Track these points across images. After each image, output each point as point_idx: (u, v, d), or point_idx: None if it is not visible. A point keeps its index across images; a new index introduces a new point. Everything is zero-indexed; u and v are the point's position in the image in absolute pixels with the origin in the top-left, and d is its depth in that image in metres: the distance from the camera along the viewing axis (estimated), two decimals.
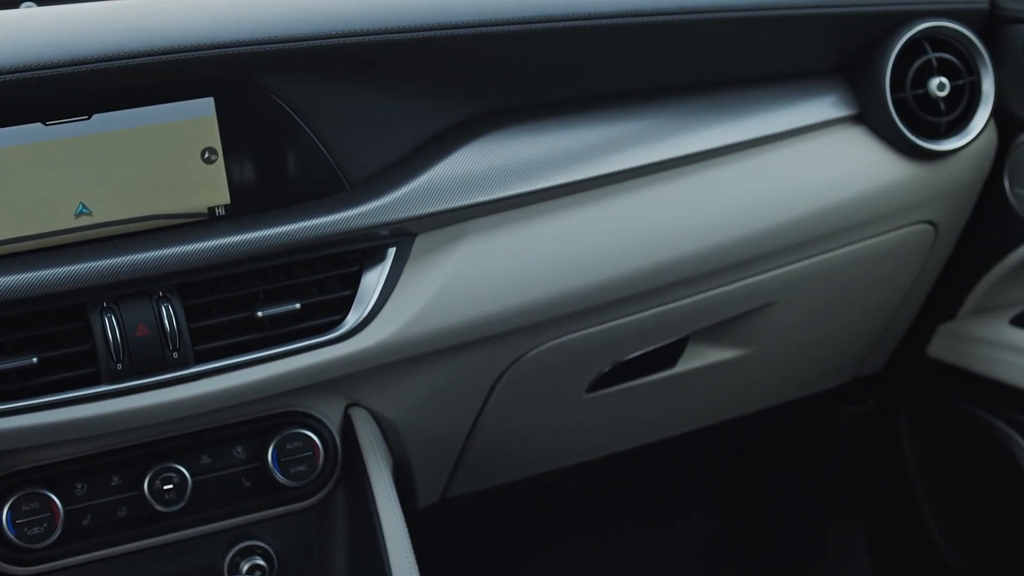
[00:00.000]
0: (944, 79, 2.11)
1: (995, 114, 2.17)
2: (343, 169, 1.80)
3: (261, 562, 1.90)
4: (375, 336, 1.80)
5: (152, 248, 1.68)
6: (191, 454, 1.83)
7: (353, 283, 1.81)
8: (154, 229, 1.72)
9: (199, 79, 1.71)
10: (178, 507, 1.80)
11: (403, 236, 1.82)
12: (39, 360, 1.65)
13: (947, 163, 2.18)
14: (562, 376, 2.11)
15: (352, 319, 1.79)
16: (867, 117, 2.14)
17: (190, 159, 1.72)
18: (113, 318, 1.67)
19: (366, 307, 1.79)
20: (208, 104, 1.72)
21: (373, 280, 1.80)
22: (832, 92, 2.14)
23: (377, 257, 1.81)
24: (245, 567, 1.88)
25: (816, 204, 2.10)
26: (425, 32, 1.80)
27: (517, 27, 1.84)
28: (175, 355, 1.70)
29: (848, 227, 2.15)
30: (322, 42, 1.73)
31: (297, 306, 1.76)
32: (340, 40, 1.75)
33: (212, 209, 1.74)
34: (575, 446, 2.34)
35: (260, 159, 1.76)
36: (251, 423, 1.85)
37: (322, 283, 1.80)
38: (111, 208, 1.69)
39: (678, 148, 1.99)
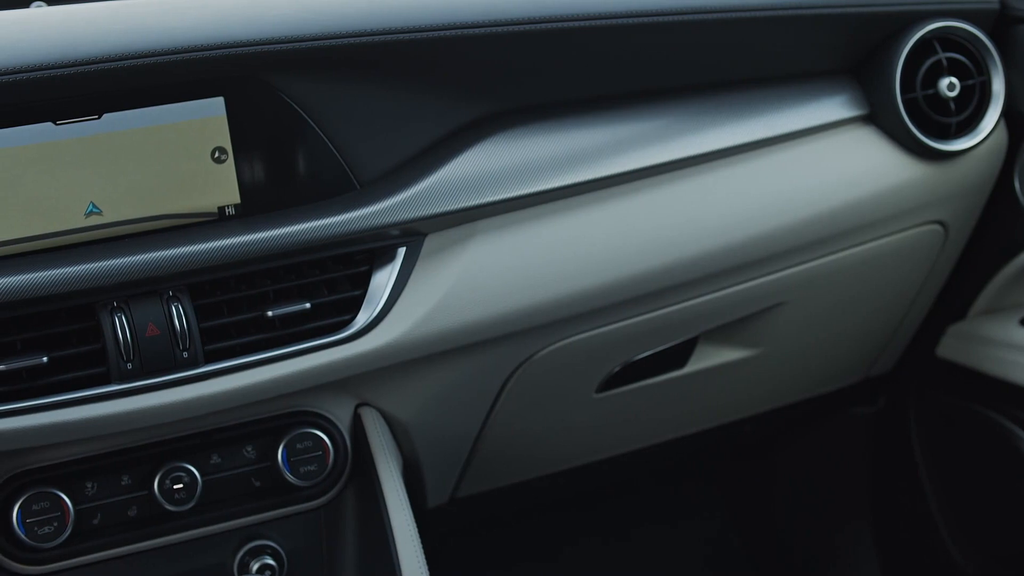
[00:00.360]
0: (954, 79, 2.11)
1: (1005, 114, 2.17)
2: (353, 169, 1.80)
3: (271, 561, 1.90)
4: (385, 336, 1.80)
5: (162, 248, 1.68)
6: (201, 454, 1.83)
7: (363, 283, 1.81)
8: (164, 229, 1.72)
9: (209, 79, 1.71)
10: (188, 507, 1.81)
11: (413, 236, 1.83)
12: (49, 360, 1.65)
13: (957, 163, 2.18)
14: (572, 376, 2.11)
15: (362, 319, 1.79)
16: (877, 117, 2.14)
17: (200, 159, 1.72)
18: (123, 318, 1.67)
19: (376, 307, 1.79)
20: (218, 104, 1.72)
21: (383, 280, 1.81)
22: (842, 92, 2.13)
23: (387, 257, 1.82)
24: (255, 566, 1.89)
25: (826, 204, 2.10)
26: (435, 32, 1.80)
27: (526, 27, 1.84)
28: (185, 355, 1.70)
29: (858, 227, 2.15)
30: (332, 42, 1.74)
31: (307, 306, 1.76)
32: (350, 40, 1.75)
33: (222, 209, 1.74)
34: (584, 446, 2.34)
35: (270, 159, 1.76)
36: (261, 423, 1.85)
37: (332, 283, 1.80)
38: (121, 208, 1.69)
39: (688, 148, 1.99)
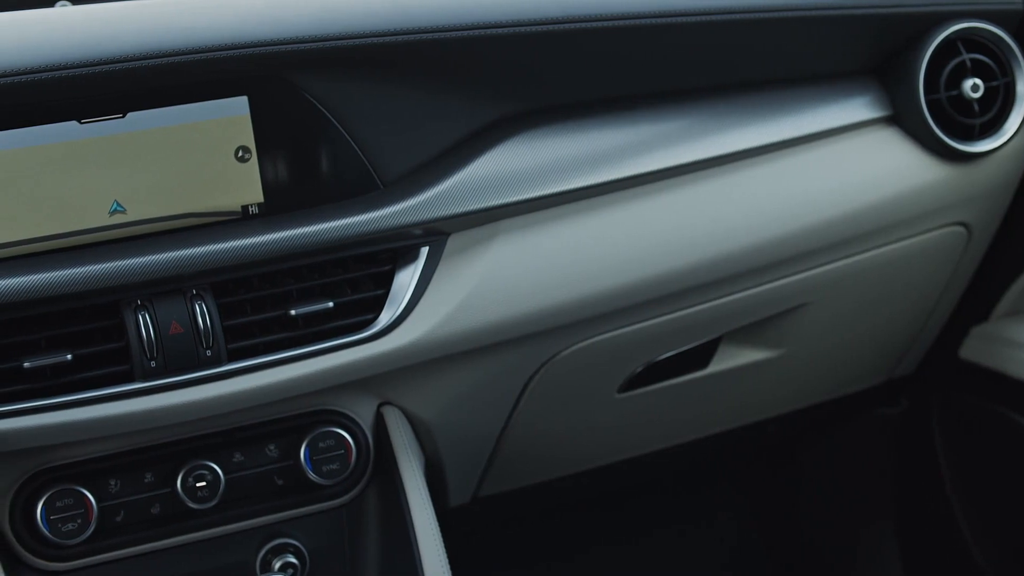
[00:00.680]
0: (978, 80, 2.10)
1: None
2: (376, 168, 1.81)
3: (293, 560, 1.90)
4: (408, 335, 1.80)
5: (186, 246, 1.68)
6: (224, 452, 1.83)
7: (386, 282, 1.81)
8: (188, 227, 1.72)
9: (233, 78, 1.71)
10: (211, 504, 1.81)
11: (436, 236, 1.83)
12: (73, 357, 1.66)
13: (981, 165, 2.17)
14: (594, 376, 2.10)
15: (385, 318, 1.79)
16: (900, 118, 2.13)
17: (224, 158, 1.73)
18: (147, 316, 1.68)
19: (399, 306, 1.80)
20: (242, 103, 1.72)
21: (406, 279, 1.81)
22: (865, 93, 2.13)
23: (410, 256, 1.82)
24: (277, 564, 1.89)
25: (849, 205, 2.09)
26: (458, 32, 1.80)
27: (550, 27, 1.84)
28: (208, 353, 1.70)
29: (881, 228, 2.15)
30: (356, 41, 1.74)
31: (330, 305, 1.76)
32: (373, 40, 1.75)
33: (246, 208, 1.75)
34: (607, 446, 2.34)
35: (293, 158, 1.76)
36: (284, 421, 1.86)
37: (355, 282, 1.80)
38: (145, 206, 1.70)
39: (710, 149, 1.99)
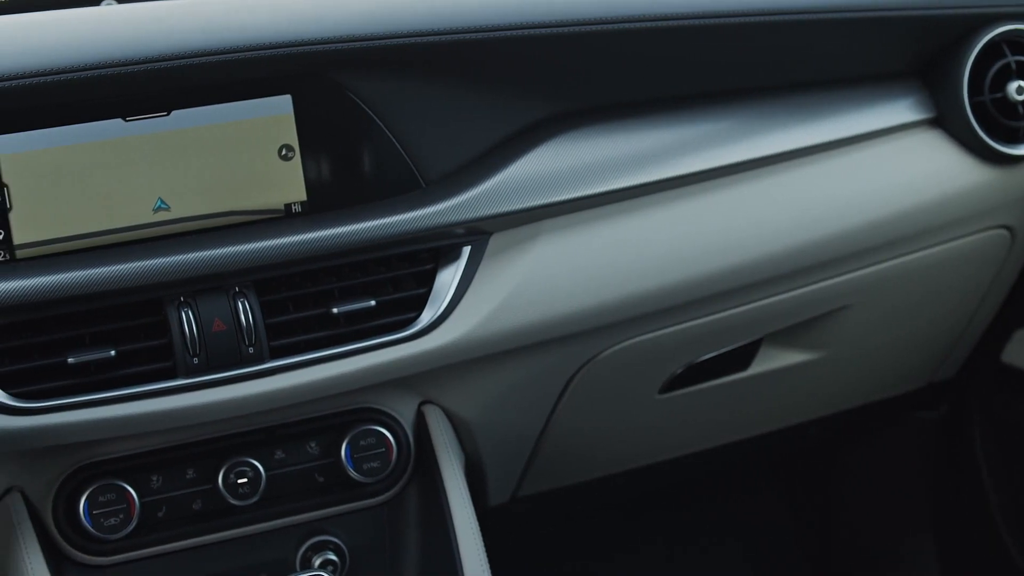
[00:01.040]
0: (1023, 83, 2.09)
1: None
2: (419, 167, 1.81)
3: (333, 557, 1.90)
4: (449, 334, 1.80)
5: (229, 244, 1.69)
6: (265, 449, 1.84)
7: (428, 281, 1.81)
8: (231, 225, 1.73)
9: (277, 77, 1.72)
10: (252, 501, 1.82)
11: (478, 235, 1.83)
12: (117, 353, 1.66)
13: None
14: (635, 377, 2.10)
15: (427, 317, 1.79)
16: (944, 121, 2.12)
17: (267, 156, 1.73)
18: (190, 313, 1.69)
19: (441, 305, 1.80)
20: (286, 102, 1.73)
21: (448, 278, 1.81)
22: (909, 95, 2.12)
23: (452, 255, 1.82)
24: (317, 562, 1.89)
25: (892, 208, 2.08)
26: (502, 32, 1.80)
27: (595, 28, 1.84)
28: (251, 350, 1.71)
29: (924, 231, 2.14)
30: (401, 41, 1.74)
31: (372, 303, 1.76)
32: (418, 39, 1.76)
33: (289, 206, 1.75)
34: (646, 447, 2.34)
35: (337, 157, 1.77)
36: (325, 419, 1.86)
37: (397, 281, 1.80)
38: (189, 204, 1.71)
39: (753, 150, 1.98)
